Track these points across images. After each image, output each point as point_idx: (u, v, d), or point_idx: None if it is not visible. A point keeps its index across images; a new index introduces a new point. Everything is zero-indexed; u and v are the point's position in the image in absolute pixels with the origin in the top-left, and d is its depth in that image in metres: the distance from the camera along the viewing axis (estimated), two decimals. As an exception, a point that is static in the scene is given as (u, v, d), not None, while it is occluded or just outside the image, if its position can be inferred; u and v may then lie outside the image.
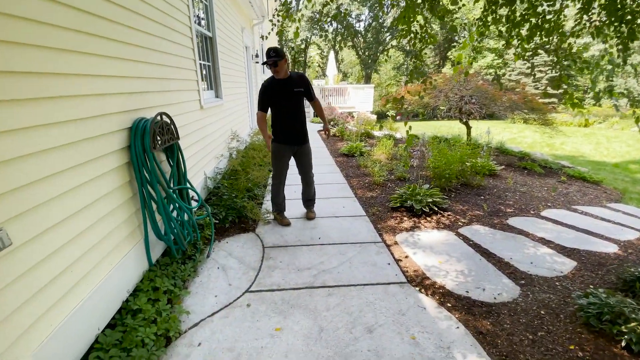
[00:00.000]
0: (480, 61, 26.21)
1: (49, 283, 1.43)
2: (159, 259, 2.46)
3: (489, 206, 3.97)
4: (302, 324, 1.97)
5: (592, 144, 11.95)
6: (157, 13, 2.63)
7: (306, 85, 3.09)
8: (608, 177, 6.65)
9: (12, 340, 1.23)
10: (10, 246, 1.24)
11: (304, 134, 3.20)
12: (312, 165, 3.39)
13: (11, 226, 1.25)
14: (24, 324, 1.29)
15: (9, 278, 1.23)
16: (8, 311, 1.22)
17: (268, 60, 2.84)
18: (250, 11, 7.56)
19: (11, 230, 1.24)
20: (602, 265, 2.69)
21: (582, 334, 1.91)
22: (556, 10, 2.66)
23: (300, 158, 3.29)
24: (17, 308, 1.26)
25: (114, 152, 1.96)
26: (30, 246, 1.34)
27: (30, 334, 1.32)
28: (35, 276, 1.36)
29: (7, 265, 1.23)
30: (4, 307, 1.21)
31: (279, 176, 3.28)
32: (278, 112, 3.09)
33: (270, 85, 3.00)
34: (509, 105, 7.02)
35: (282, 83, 2.99)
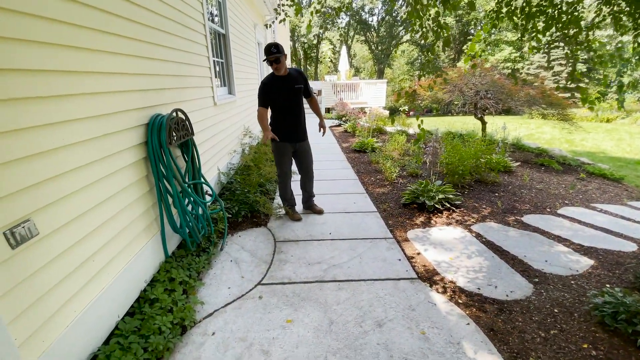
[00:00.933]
0: (497, 54, 25.49)
1: (73, 272, 1.50)
2: (174, 251, 2.54)
3: (503, 203, 3.91)
4: (312, 317, 2.00)
5: (613, 140, 11.50)
6: (173, 12, 2.69)
7: (305, 81, 3.08)
8: (630, 175, 6.40)
9: (39, 325, 1.31)
10: (38, 235, 1.31)
11: (304, 131, 3.21)
12: (313, 160, 3.41)
13: (38, 217, 1.32)
14: (51, 309, 1.37)
15: (36, 265, 1.31)
16: (35, 297, 1.30)
17: (270, 56, 2.79)
18: (263, 7, 7.58)
19: (38, 221, 1.31)
20: (620, 264, 2.62)
21: (596, 333, 1.88)
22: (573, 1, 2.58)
23: (301, 155, 3.28)
24: (44, 294, 1.34)
25: (132, 147, 2.03)
26: (55, 236, 1.41)
27: (55, 319, 1.40)
28: (60, 265, 1.44)
29: (34, 254, 1.31)
30: (31, 293, 1.28)
31: (284, 173, 3.30)
32: (279, 110, 3.06)
33: (270, 82, 2.96)
34: (526, 100, 6.82)
35: (283, 80, 2.96)
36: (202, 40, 3.45)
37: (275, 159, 3.29)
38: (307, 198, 3.60)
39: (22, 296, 1.24)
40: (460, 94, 7.38)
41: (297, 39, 31.28)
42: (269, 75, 3.01)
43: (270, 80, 2.96)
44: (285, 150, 3.18)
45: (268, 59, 2.82)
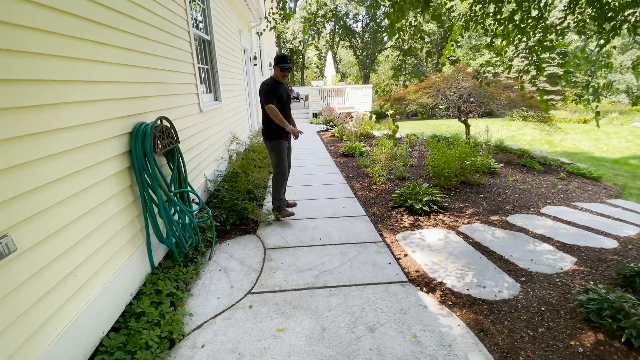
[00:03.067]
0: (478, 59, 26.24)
1: (54, 287, 1.44)
2: (161, 262, 2.48)
3: (488, 204, 3.99)
4: (304, 325, 1.98)
5: (591, 140, 11.96)
6: (156, 18, 2.65)
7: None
8: (608, 173, 6.66)
9: (19, 344, 1.25)
10: (16, 251, 1.25)
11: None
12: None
13: (16, 232, 1.26)
14: (31, 327, 1.31)
15: (15, 282, 1.25)
16: (15, 315, 1.24)
17: (287, 65, 3.22)
18: (248, 14, 7.58)
19: (16, 236, 1.26)
20: (602, 261, 2.71)
21: (582, 330, 1.93)
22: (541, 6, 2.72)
23: (290, 151, 3.61)
24: (24, 312, 1.28)
25: (116, 156, 1.98)
26: (35, 251, 1.35)
27: (36, 337, 1.33)
28: (40, 281, 1.38)
29: (12, 270, 1.25)
30: (10, 311, 1.22)
31: (284, 171, 3.51)
32: (280, 111, 3.29)
33: (274, 85, 3.25)
34: (507, 103, 7.03)
35: (282, 85, 3.34)
36: (186, 47, 3.41)
37: (276, 158, 3.45)
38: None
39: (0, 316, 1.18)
40: (444, 98, 7.54)
41: (282, 45, 31.40)
42: (271, 79, 3.29)
43: (274, 83, 3.27)
44: (285, 148, 3.45)
45: (285, 67, 3.21)
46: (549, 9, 2.87)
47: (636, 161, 8.81)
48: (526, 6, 2.79)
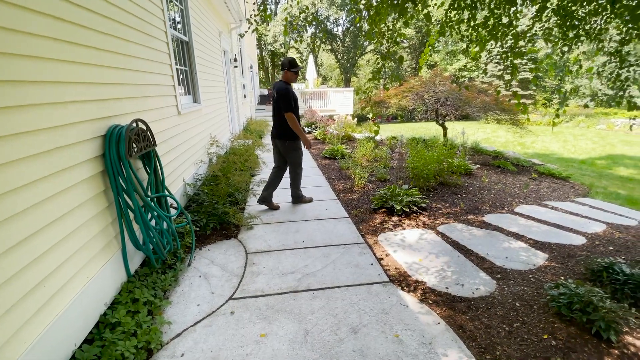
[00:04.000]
0: (455, 64, 27.12)
1: (20, 300, 1.36)
2: (137, 270, 2.39)
3: (465, 204, 4.11)
4: (287, 329, 1.97)
5: (560, 142, 12.60)
6: (131, 18, 2.58)
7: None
8: (576, 173, 7.04)
9: (-20, 362, 1.17)
10: (-24, 263, 1.17)
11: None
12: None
13: (-24, 242, 1.18)
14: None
15: (-26, 296, 1.17)
16: (-26, 331, 1.16)
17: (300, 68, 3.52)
18: (228, 15, 7.50)
19: (-24, 246, 1.18)
20: (572, 257, 2.85)
21: (554, 324, 2.01)
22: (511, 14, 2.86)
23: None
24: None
25: (88, 160, 1.90)
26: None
27: (2, 353, 1.25)
28: (5, 294, 1.29)
29: (-28, 283, 1.17)
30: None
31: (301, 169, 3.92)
32: (296, 114, 3.55)
33: (291, 90, 3.49)
34: (482, 107, 7.30)
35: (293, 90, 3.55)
36: (164, 48, 3.33)
37: (297, 156, 3.79)
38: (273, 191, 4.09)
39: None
40: (423, 102, 7.73)
41: (264, 47, 31.24)
42: (285, 83, 3.51)
43: (290, 88, 3.49)
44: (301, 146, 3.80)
45: (297, 70, 3.51)
46: (519, 17, 3.03)
47: (602, 162, 9.36)
48: (497, 13, 2.93)
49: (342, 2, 28.18)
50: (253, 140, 7.19)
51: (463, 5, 2.89)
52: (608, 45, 2.92)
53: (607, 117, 18.65)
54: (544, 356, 1.78)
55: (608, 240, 3.22)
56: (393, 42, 2.80)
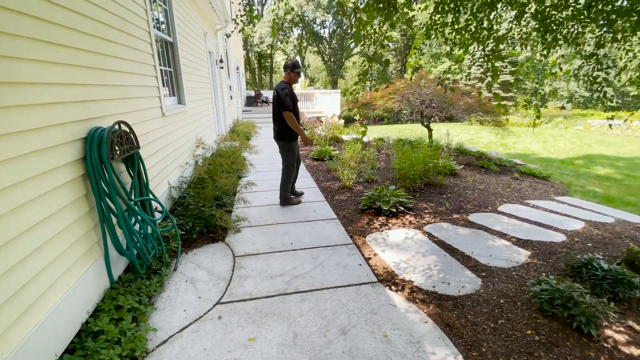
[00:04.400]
0: (439, 67, 27.65)
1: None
2: (121, 276, 2.33)
3: (451, 204, 4.19)
4: (276, 332, 1.95)
5: (540, 142, 13.01)
6: (112, 18, 2.51)
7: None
8: (555, 173, 7.28)
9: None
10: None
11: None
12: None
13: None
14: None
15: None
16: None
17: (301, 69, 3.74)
18: (213, 16, 7.42)
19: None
20: (553, 254, 2.94)
21: (537, 319, 2.07)
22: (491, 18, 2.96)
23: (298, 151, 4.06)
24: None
25: (68, 164, 1.84)
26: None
27: (-27, 368, 1.19)
28: (-22, 303, 1.24)
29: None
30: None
31: (294, 168, 3.99)
32: (296, 114, 3.71)
33: (291, 89, 3.65)
34: (465, 109, 7.46)
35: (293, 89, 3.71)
36: (147, 49, 3.26)
37: (290, 157, 3.88)
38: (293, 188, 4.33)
39: None
40: (408, 104, 7.84)
41: (250, 49, 31.06)
42: (286, 83, 3.66)
43: (290, 87, 3.66)
44: (297, 148, 3.94)
45: (299, 71, 3.71)
46: (499, 21, 3.12)
47: (580, 161, 9.71)
48: (479, 17, 3.01)
49: (328, 4, 28.34)
50: (240, 142, 7.13)
51: (447, 9, 2.95)
52: (584, 49, 3.05)
53: (584, 118, 19.39)
54: (528, 351, 1.83)
55: (587, 237, 3.34)
56: (379, 44, 2.84)
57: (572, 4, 2.89)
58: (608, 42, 2.95)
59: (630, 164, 9.43)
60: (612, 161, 9.84)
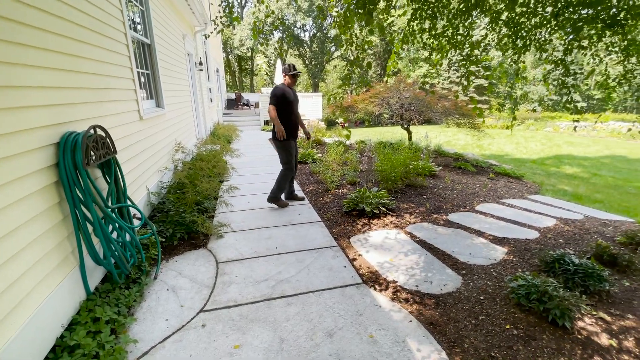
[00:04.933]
0: (417, 71, 28.35)
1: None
2: (98, 286, 2.23)
3: (431, 204, 4.30)
4: (262, 338, 1.93)
5: (513, 144, 13.58)
6: (86, 18, 2.43)
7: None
8: (528, 173, 7.61)
9: None
10: None
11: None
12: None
13: None
14: None
15: None
16: None
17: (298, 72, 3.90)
18: (192, 18, 7.29)
19: None
20: (528, 250, 3.07)
21: (515, 314, 2.16)
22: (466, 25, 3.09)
23: (296, 151, 4.18)
24: None
25: (38, 171, 1.75)
26: None
27: None
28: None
29: None
30: None
31: (291, 167, 4.04)
32: (289, 114, 3.89)
33: (284, 89, 3.80)
34: (443, 112, 7.69)
35: (292, 91, 3.90)
36: (123, 50, 3.17)
37: (285, 156, 3.98)
38: (292, 189, 4.36)
39: None
40: (388, 107, 7.99)
41: (230, 51, 30.71)
42: (282, 84, 3.86)
43: (283, 88, 3.82)
44: (292, 147, 4.02)
45: (296, 74, 3.88)
46: (474, 27, 3.26)
47: (550, 161, 10.21)
48: (455, 23, 3.13)
49: (308, 8, 28.50)
50: (221, 146, 7.02)
51: (424, 15, 3.05)
52: (553, 55, 3.22)
53: (553, 121, 20.42)
54: (507, 345, 1.90)
55: (558, 234, 3.51)
56: (361, 49, 2.89)
57: (540, 12, 3.06)
58: (575, 49, 3.14)
59: (595, 163, 10.01)
60: (580, 161, 10.41)
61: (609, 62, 3.30)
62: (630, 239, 3.23)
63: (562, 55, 3.11)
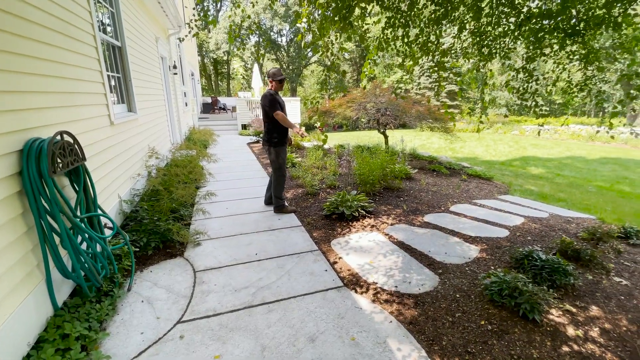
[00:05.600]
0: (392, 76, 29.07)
1: None
2: (67, 301, 2.11)
3: (408, 206, 4.41)
4: (242, 347, 1.90)
5: (483, 146, 14.21)
6: (51, 19, 2.31)
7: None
8: (497, 174, 7.98)
9: None
10: None
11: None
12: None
13: None
14: None
15: None
16: None
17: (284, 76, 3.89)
18: (165, 21, 7.12)
19: None
20: (499, 248, 3.21)
21: (489, 310, 2.25)
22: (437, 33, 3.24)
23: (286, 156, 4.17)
24: None
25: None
26: None
27: None
28: None
29: None
30: None
31: (285, 173, 4.04)
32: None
33: (277, 95, 3.84)
34: (417, 116, 7.93)
35: (280, 96, 3.88)
36: (92, 53, 3.04)
37: (280, 162, 3.95)
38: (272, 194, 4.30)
39: None
40: (365, 112, 8.14)
41: (205, 54, 30.16)
42: (272, 91, 3.84)
43: (275, 94, 3.83)
44: (286, 154, 4.02)
45: (283, 79, 3.88)
46: (444, 35, 3.42)
47: (517, 163, 10.76)
48: (427, 32, 3.26)
49: (285, 13, 28.57)
50: (197, 151, 6.86)
51: (397, 23, 3.15)
52: (517, 62, 3.43)
53: (519, 124, 21.56)
54: (482, 340, 1.97)
55: (526, 231, 3.70)
56: (336, 57, 2.95)
57: (504, 23, 3.25)
58: (538, 57, 3.36)
59: (559, 164, 10.66)
60: (544, 162, 11.05)
61: (571, 69, 3.55)
62: (592, 234, 3.47)
63: (525, 64, 3.32)
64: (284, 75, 3.89)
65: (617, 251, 3.22)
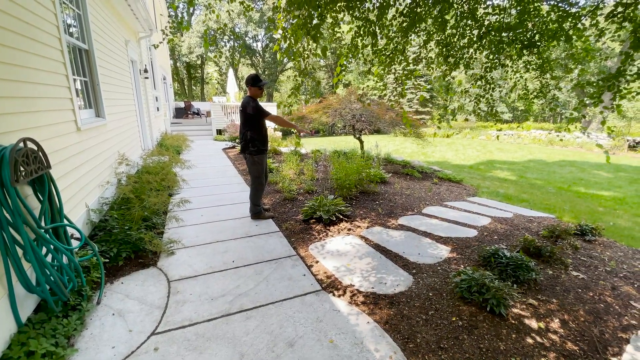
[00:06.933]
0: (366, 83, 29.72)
1: None
2: (31, 317, 1.99)
3: (383, 209, 4.53)
4: (220, 356, 1.88)
5: (453, 151, 14.83)
6: (12, 21, 2.21)
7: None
8: (466, 177, 8.36)
9: None
10: None
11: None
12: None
13: None
14: None
15: None
16: None
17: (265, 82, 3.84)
18: (136, 24, 6.91)
19: None
20: (468, 247, 3.38)
21: (460, 306, 2.37)
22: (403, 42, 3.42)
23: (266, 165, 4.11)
24: None
25: (-45, 190, 1.54)
26: None
27: None
28: None
29: None
30: None
31: (263, 181, 4.02)
32: (263, 127, 3.86)
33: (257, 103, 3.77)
34: (390, 122, 8.18)
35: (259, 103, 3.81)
36: (58, 57, 2.91)
37: (258, 170, 3.91)
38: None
39: None
40: (341, 118, 8.29)
41: (178, 58, 29.42)
42: (249, 97, 3.77)
43: (256, 101, 3.77)
44: (265, 161, 3.99)
45: (261, 85, 3.78)
46: (412, 45, 3.61)
47: (484, 166, 11.31)
48: (395, 41, 3.42)
49: (259, 19, 28.52)
50: (170, 157, 6.67)
51: (366, 32, 3.28)
52: (480, 71, 3.67)
53: (485, 130, 22.69)
54: (454, 336, 2.08)
55: (493, 231, 3.92)
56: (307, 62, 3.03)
57: (468, 34, 3.48)
58: (498, 66, 3.61)
59: (522, 167, 11.32)
60: (509, 165, 11.69)
61: (528, 78, 3.84)
62: (552, 232, 3.73)
63: (483, 72, 3.57)
64: (266, 81, 3.87)
65: (575, 247, 3.49)
